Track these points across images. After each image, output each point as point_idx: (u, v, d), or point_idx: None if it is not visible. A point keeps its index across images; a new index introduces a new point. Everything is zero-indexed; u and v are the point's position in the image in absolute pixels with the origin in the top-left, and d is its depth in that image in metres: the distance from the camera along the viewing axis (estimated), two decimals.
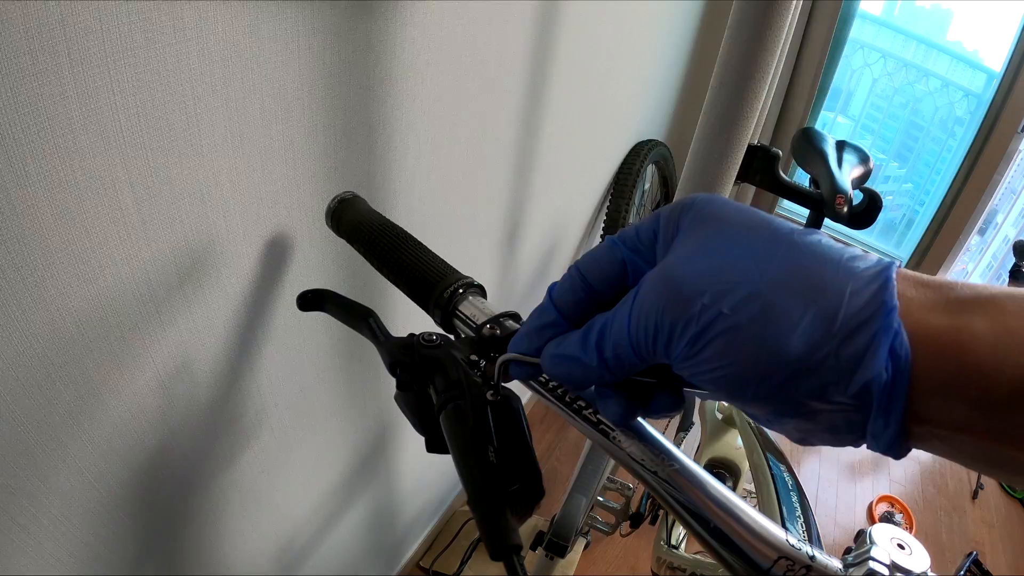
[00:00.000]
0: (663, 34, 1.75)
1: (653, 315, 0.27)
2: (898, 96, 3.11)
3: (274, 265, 0.69)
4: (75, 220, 0.48)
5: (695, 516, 0.33)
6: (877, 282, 0.25)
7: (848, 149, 1.07)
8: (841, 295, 0.25)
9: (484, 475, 0.32)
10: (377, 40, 0.69)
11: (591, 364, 0.30)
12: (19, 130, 0.42)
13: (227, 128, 0.57)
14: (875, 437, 0.25)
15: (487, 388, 0.35)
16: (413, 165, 0.86)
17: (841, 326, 0.24)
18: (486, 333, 0.38)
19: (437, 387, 0.37)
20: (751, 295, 0.25)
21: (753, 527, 0.32)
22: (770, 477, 0.89)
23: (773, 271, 0.26)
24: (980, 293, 0.24)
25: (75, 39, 0.42)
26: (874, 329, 0.24)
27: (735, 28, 0.49)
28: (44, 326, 0.49)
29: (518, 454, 0.34)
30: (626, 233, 0.32)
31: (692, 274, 0.27)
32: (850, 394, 0.24)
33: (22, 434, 0.51)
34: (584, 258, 0.32)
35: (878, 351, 0.24)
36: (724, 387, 0.26)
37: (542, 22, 1.03)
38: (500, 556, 0.30)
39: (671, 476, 0.33)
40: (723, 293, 0.26)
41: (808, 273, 0.25)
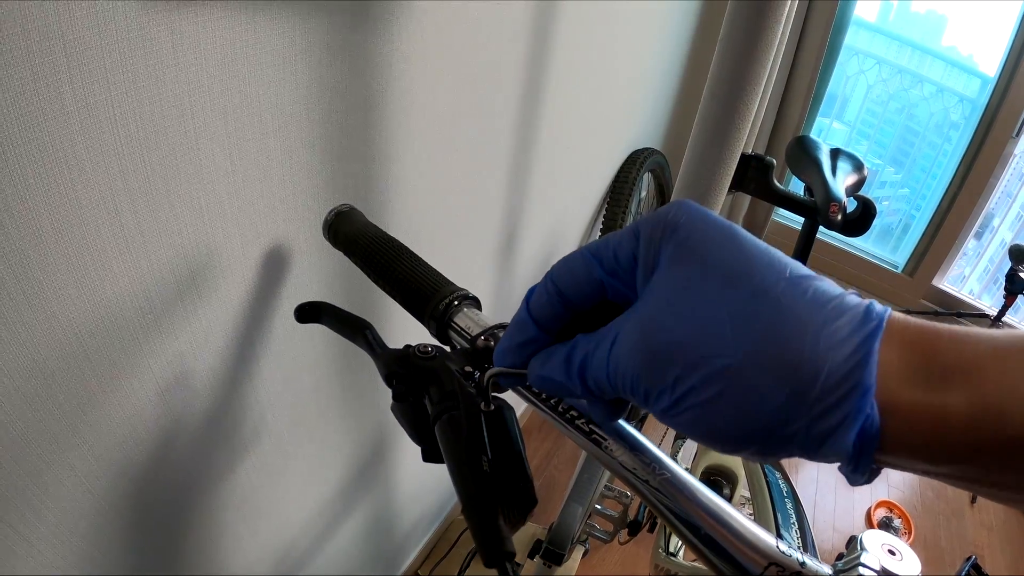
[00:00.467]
0: (659, 42, 1.76)
1: (630, 373, 0.28)
2: (893, 102, 3.12)
3: (272, 276, 0.70)
4: (75, 232, 0.48)
5: (686, 523, 0.33)
6: (857, 356, 0.24)
7: (842, 157, 1.08)
8: (817, 374, 0.24)
9: (478, 484, 0.33)
10: (372, 53, 0.70)
11: (575, 390, 0.31)
12: (20, 145, 0.42)
13: (225, 141, 0.57)
14: (844, 474, 0.26)
15: (481, 399, 0.35)
16: (409, 176, 0.86)
17: (814, 406, 0.24)
18: (480, 344, 0.39)
19: (432, 398, 0.38)
20: (724, 370, 0.25)
21: (743, 534, 0.32)
22: (765, 485, 0.89)
23: (749, 342, 0.25)
24: (965, 356, 0.24)
25: (75, 55, 0.43)
26: (846, 411, 0.24)
27: (726, 40, 0.50)
28: (44, 337, 0.50)
29: (511, 463, 0.35)
30: (604, 252, 0.31)
31: (667, 342, 0.27)
32: (821, 454, 0.25)
33: (22, 444, 0.52)
34: (560, 269, 0.32)
35: (848, 432, 0.24)
36: (700, 438, 0.27)
37: (537, 32, 1.04)
38: (494, 563, 0.30)
39: (662, 484, 0.34)
40: (696, 367, 0.26)
41: (785, 346, 0.25)
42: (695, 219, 0.28)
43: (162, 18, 0.47)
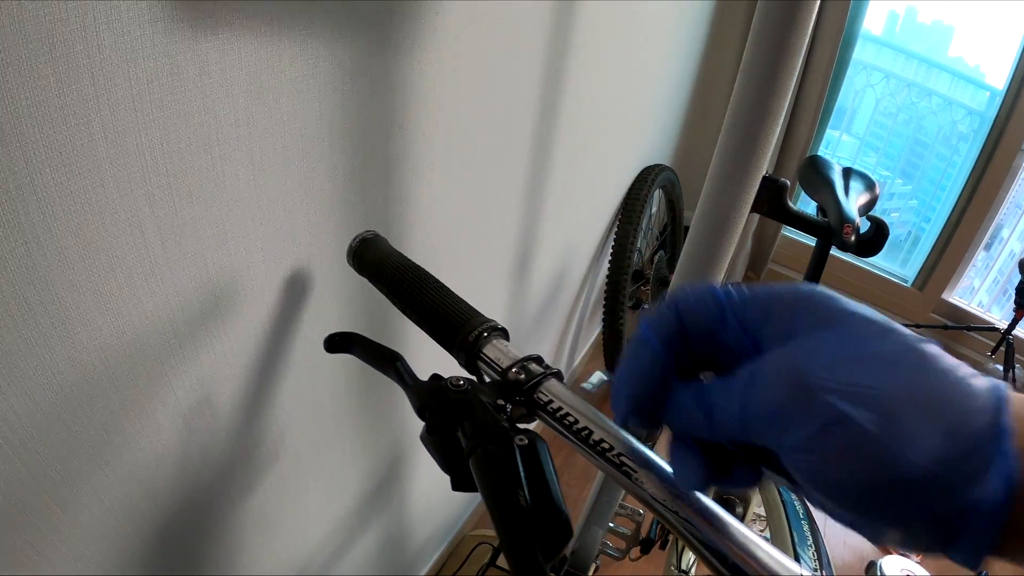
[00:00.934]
0: (669, 60, 1.77)
1: (772, 400, 0.27)
2: (902, 114, 3.13)
3: (293, 301, 0.70)
4: (102, 257, 0.49)
5: (714, 552, 0.33)
6: (994, 405, 0.25)
7: (854, 176, 1.08)
8: (963, 414, 0.25)
9: (516, 519, 0.33)
10: (394, 79, 0.71)
11: (701, 421, 0.31)
12: (48, 171, 0.43)
13: (249, 167, 0.58)
14: (962, 550, 0.25)
15: (514, 432, 0.36)
16: (427, 200, 0.87)
17: (961, 444, 0.24)
18: (511, 377, 0.39)
19: (466, 431, 0.38)
20: (877, 401, 0.25)
21: (769, 563, 0.32)
22: (781, 504, 0.89)
23: (900, 381, 0.26)
24: None
25: (103, 82, 0.44)
26: (991, 451, 0.24)
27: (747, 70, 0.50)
28: (69, 361, 0.50)
29: (546, 497, 0.35)
30: (733, 300, 0.31)
31: (818, 368, 0.27)
32: (952, 508, 0.25)
33: (46, 466, 0.52)
34: (684, 294, 0.32)
35: (993, 473, 0.24)
36: (827, 488, 0.26)
37: (552, 53, 1.05)
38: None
39: (690, 516, 0.34)
40: (850, 394, 0.25)
41: (933, 387, 0.25)
42: (825, 297, 0.29)
43: (188, 46, 0.48)
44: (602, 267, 2.00)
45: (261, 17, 0.53)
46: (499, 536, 0.33)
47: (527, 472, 0.35)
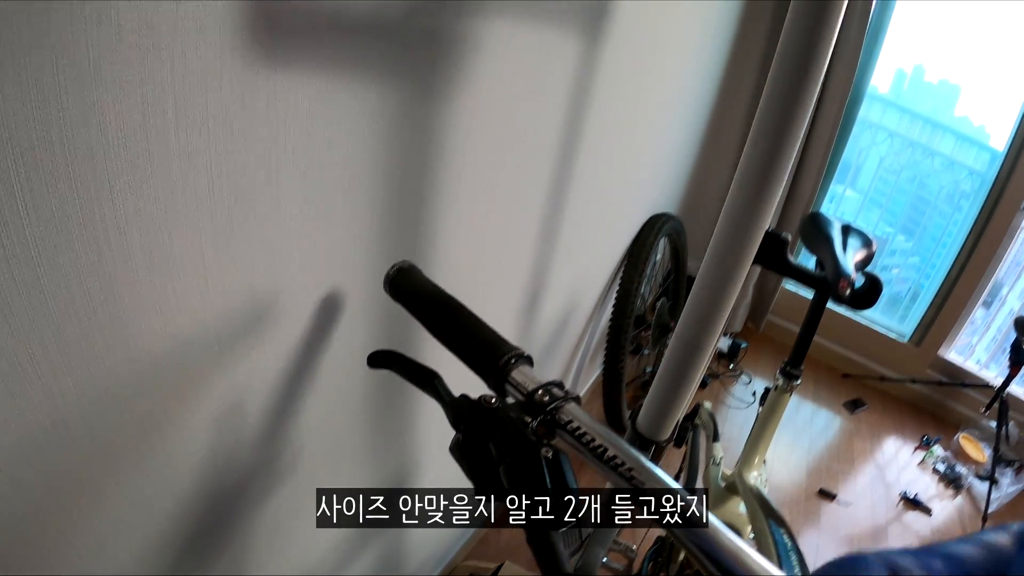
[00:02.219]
0: (680, 113, 1.83)
1: None
2: (905, 171, 3.18)
3: (327, 322, 0.75)
4: (163, 264, 0.53)
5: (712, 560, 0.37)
6: None
7: (852, 234, 1.13)
8: None
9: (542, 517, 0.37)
10: (432, 124, 0.76)
11: None
12: (124, 179, 0.47)
13: (300, 193, 0.63)
14: None
15: (541, 445, 0.40)
16: (454, 235, 0.92)
17: None
18: (537, 399, 0.44)
19: (497, 443, 0.43)
20: None
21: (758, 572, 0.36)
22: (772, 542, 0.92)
23: None
24: None
25: (183, 106, 0.48)
26: None
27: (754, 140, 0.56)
28: (123, 359, 0.54)
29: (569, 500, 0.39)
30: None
31: None
32: None
33: (87, 454, 0.55)
34: None
35: None
36: None
37: (571, 107, 1.11)
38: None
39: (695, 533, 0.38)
40: None
41: None
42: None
43: (261, 80, 0.53)
44: (606, 311, 2.04)
45: (324, 58, 0.58)
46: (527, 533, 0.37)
47: (551, 479, 0.39)
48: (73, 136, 0.43)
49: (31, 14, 0.37)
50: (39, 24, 0.38)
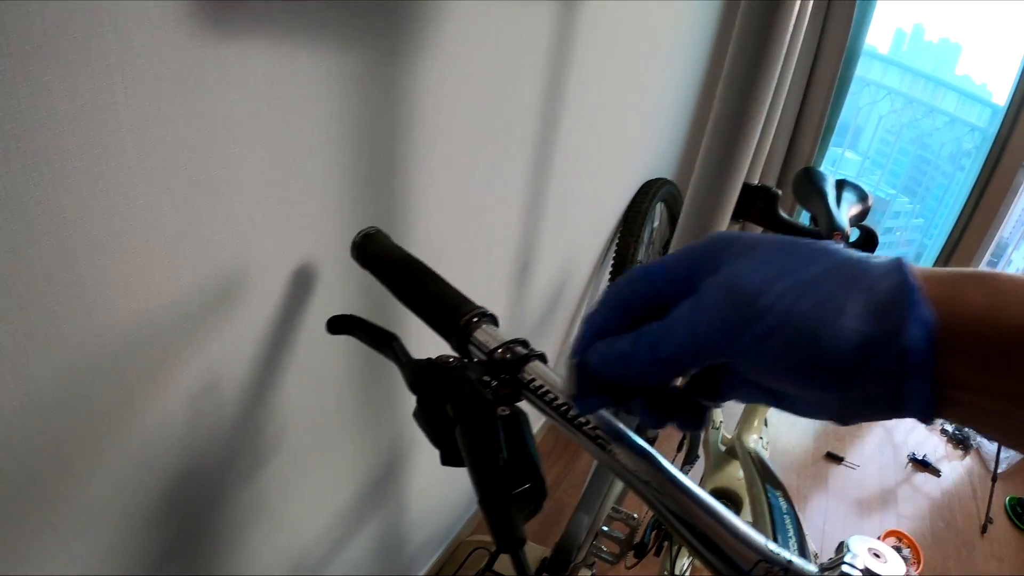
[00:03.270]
0: (672, 75, 1.80)
1: (719, 316, 0.31)
2: (906, 131, 3.15)
3: (300, 291, 0.74)
4: (125, 242, 0.52)
5: (683, 522, 0.36)
6: (897, 270, 0.29)
7: (847, 188, 1.11)
8: (873, 281, 0.29)
9: (493, 478, 0.36)
10: (399, 87, 0.74)
11: (643, 359, 0.33)
12: (78, 158, 0.46)
13: (263, 163, 0.61)
14: (911, 398, 0.29)
15: (497, 404, 0.39)
16: (431, 201, 0.90)
17: (880, 304, 0.29)
18: (497, 357, 0.42)
19: (453, 403, 0.41)
20: (806, 288, 0.30)
21: (734, 531, 0.35)
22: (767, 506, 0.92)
23: (818, 271, 0.30)
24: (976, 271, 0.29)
25: (132, 80, 0.47)
26: (905, 304, 0.28)
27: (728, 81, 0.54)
28: (92, 339, 0.53)
29: (524, 461, 0.38)
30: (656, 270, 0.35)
31: (754, 279, 0.31)
32: (890, 359, 0.28)
33: (64, 441, 0.55)
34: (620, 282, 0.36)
35: (911, 321, 0.28)
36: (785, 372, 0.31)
37: (554, 64, 1.09)
38: (507, 548, 0.34)
39: (661, 485, 0.37)
40: (783, 291, 0.30)
41: (844, 269, 0.30)
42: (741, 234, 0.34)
43: (211, 51, 0.52)
44: (603, 279, 2.03)
45: (278, 25, 0.56)
46: (478, 494, 0.36)
47: (507, 438, 0.38)
48: (23, 118, 0.42)
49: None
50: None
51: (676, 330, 0.33)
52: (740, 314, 0.31)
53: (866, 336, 0.29)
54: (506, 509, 0.35)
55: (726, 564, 0.35)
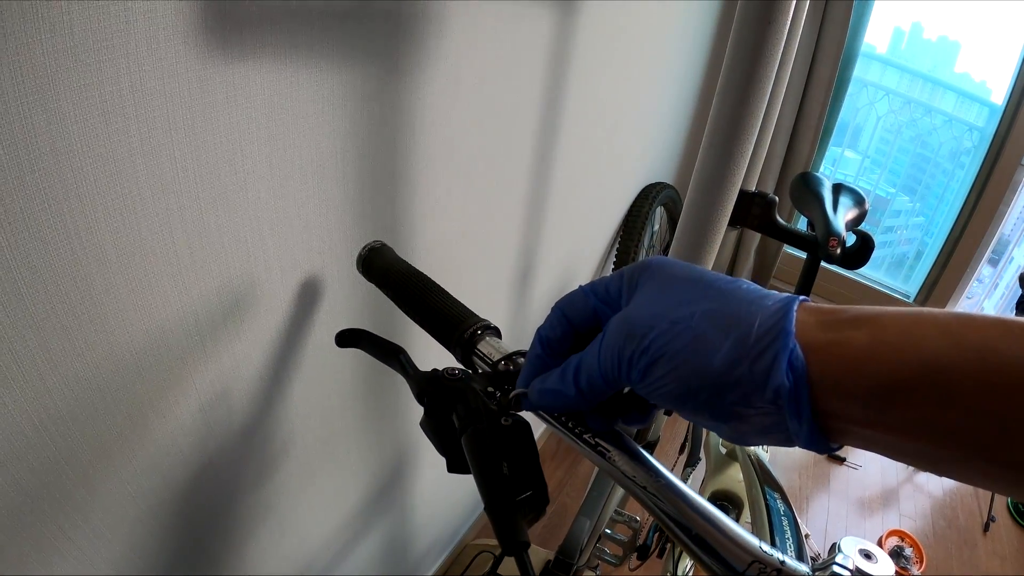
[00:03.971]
0: (672, 80, 1.81)
1: (615, 349, 0.35)
2: (905, 130, 3.15)
3: (306, 304, 0.75)
4: (136, 260, 0.54)
5: (679, 524, 0.38)
6: (779, 313, 0.32)
7: (844, 192, 1.12)
8: (752, 325, 0.32)
9: (498, 485, 0.38)
10: (401, 101, 0.76)
11: (569, 394, 0.38)
12: (91, 179, 0.48)
13: (269, 180, 0.63)
14: (795, 435, 0.32)
15: (501, 415, 0.41)
16: (432, 212, 0.92)
17: (751, 348, 0.31)
18: (501, 368, 0.44)
19: (459, 414, 0.43)
20: (684, 329, 0.33)
21: (729, 534, 0.37)
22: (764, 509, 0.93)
23: (702, 310, 0.33)
24: (864, 313, 0.32)
25: (143, 101, 0.49)
26: (776, 349, 0.31)
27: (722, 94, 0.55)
28: (104, 353, 0.55)
29: (527, 468, 0.40)
30: (597, 286, 0.40)
31: (642, 317, 0.35)
32: (766, 400, 0.31)
33: (78, 452, 0.57)
34: (564, 301, 0.40)
35: (780, 365, 0.30)
36: (671, 400, 0.34)
37: (553, 72, 1.10)
38: (512, 551, 0.36)
39: (659, 490, 0.39)
40: (664, 330, 0.33)
41: (728, 310, 0.33)
42: (663, 260, 0.38)
43: (217, 72, 0.54)
44: None
45: (282, 45, 0.58)
46: (484, 500, 0.37)
47: (511, 447, 0.40)
48: (37, 142, 0.44)
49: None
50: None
51: (588, 361, 0.37)
52: (630, 348, 0.34)
53: (738, 377, 0.31)
54: (511, 514, 0.37)
55: (721, 565, 0.36)
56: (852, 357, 0.30)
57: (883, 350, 0.29)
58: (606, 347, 0.35)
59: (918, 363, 0.28)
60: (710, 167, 0.60)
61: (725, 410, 0.32)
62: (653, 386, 0.34)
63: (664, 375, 0.33)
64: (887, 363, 0.29)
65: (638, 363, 0.34)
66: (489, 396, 0.43)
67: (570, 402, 0.38)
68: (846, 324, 0.31)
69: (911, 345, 0.29)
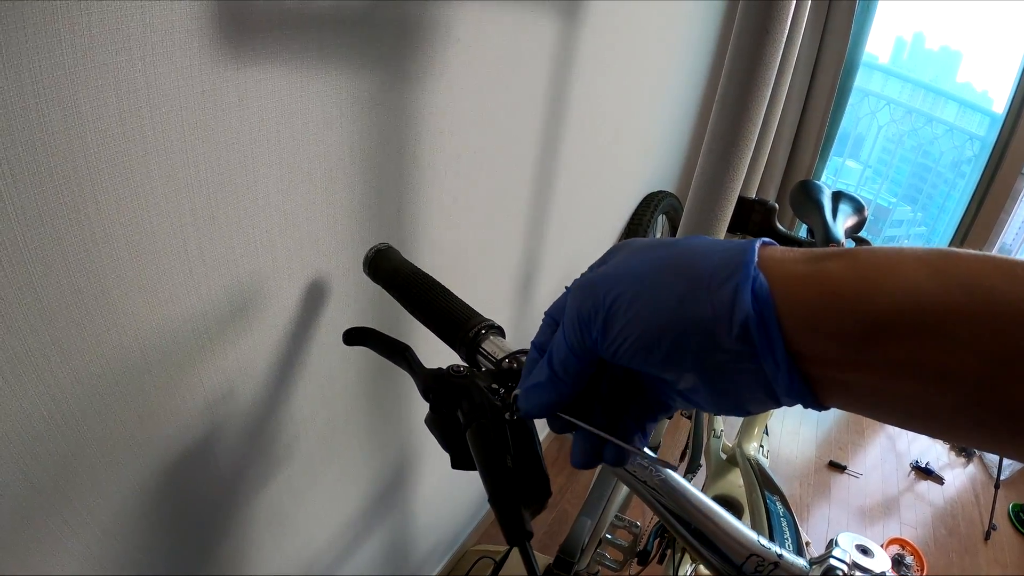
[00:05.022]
0: (674, 88, 1.82)
1: (575, 312, 0.34)
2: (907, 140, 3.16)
3: (313, 306, 0.76)
4: (147, 256, 0.55)
5: (678, 519, 0.39)
6: (739, 247, 0.31)
7: (844, 200, 1.13)
8: (710, 264, 0.31)
9: (502, 478, 0.39)
10: (408, 108, 0.78)
11: (548, 382, 0.36)
12: (107, 180, 0.49)
13: (279, 183, 0.64)
14: (774, 381, 0.29)
15: (505, 410, 0.42)
16: (438, 217, 0.93)
17: (709, 280, 0.30)
18: (505, 366, 0.45)
19: (464, 410, 0.44)
20: (640, 279, 0.32)
21: (727, 529, 0.38)
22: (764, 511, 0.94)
23: (657, 263, 0.32)
24: (838, 250, 0.30)
25: (158, 105, 0.50)
26: (737, 279, 0.29)
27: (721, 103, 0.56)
28: (115, 349, 0.56)
29: (530, 462, 0.41)
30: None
31: (600, 277, 0.34)
32: (734, 337, 0.29)
33: (84, 443, 0.57)
34: (552, 307, 0.39)
35: (742, 294, 0.29)
36: (637, 355, 0.32)
37: (556, 81, 1.11)
38: (515, 542, 0.36)
39: (659, 484, 0.39)
40: (620, 283, 0.33)
41: (684, 258, 0.32)
42: (633, 239, 0.37)
43: (231, 76, 0.55)
44: None
45: (292, 53, 0.59)
46: (488, 492, 0.38)
47: (514, 442, 0.41)
48: (54, 140, 0.45)
49: (8, 30, 0.39)
50: (17, 38, 0.40)
51: (556, 339, 0.36)
52: (587, 307, 0.33)
53: (699, 315, 0.30)
54: (514, 506, 0.37)
55: (719, 558, 0.37)
56: (829, 291, 0.28)
57: (862, 283, 0.27)
58: (568, 316, 0.35)
59: (902, 296, 0.26)
60: (709, 172, 0.61)
61: (697, 361, 0.31)
62: (615, 343, 0.32)
63: (623, 328, 0.32)
64: (867, 296, 0.27)
65: (596, 321, 0.33)
66: (493, 392, 0.43)
67: (552, 391, 0.36)
68: (820, 257, 0.29)
69: (893, 278, 0.27)
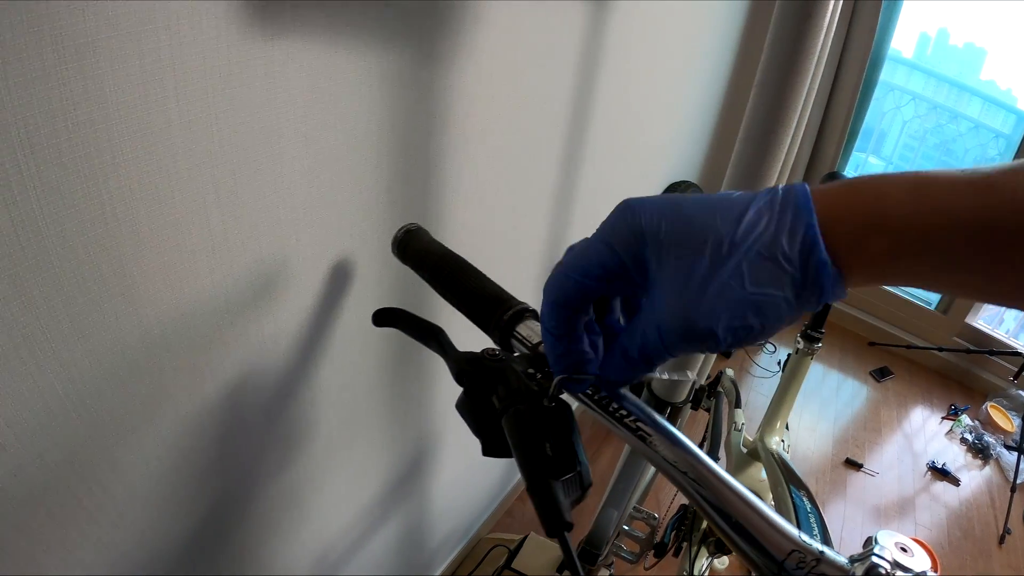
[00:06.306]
0: (697, 79, 1.80)
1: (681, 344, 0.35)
2: (931, 136, 3.12)
3: (337, 286, 0.75)
4: (169, 234, 0.54)
5: (719, 511, 0.37)
6: None
7: None
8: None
9: (541, 466, 0.37)
10: (436, 88, 0.76)
11: (640, 370, 0.38)
12: (128, 152, 0.48)
13: (304, 159, 0.63)
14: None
15: (543, 396, 0.40)
16: (463, 199, 0.92)
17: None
18: (541, 350, 0.43)
19: (499, 395, 0.43)
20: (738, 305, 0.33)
21: (769, 523, 0.36)
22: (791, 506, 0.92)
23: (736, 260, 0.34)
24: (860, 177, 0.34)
25: (182, 76, 0.49)
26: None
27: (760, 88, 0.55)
28: (133, 328, 0.54)
29: (569, 449, 0.39)
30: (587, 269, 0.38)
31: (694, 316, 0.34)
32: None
33: (101, 422, 0.56)
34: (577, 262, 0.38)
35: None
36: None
37: (583, 67, 1.10)
38: (555, 533, 0.35)
39: (699, 476, 0.38)
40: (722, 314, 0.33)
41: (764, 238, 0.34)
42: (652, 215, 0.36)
43: (258, 49, 0.53)
44: None
45: (322, 24, 0.58)
46: (526, 483, 0.37)
47: (553, 429, 0.39)
48: (75, 110, 0.43)
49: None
50: (39, 7, 0.39)
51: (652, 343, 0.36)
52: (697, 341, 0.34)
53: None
54: (553, 495, 0.36)
55: (761, 553, 0.36)
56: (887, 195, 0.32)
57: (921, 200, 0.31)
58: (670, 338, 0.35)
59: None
60: (745, 164, 0.59)
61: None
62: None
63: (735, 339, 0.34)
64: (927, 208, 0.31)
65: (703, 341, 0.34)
66: (530, 377, 0.42)
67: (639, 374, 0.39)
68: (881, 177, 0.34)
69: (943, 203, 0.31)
